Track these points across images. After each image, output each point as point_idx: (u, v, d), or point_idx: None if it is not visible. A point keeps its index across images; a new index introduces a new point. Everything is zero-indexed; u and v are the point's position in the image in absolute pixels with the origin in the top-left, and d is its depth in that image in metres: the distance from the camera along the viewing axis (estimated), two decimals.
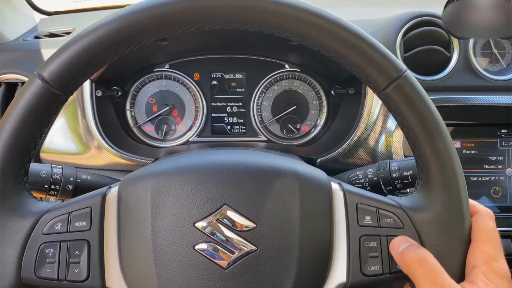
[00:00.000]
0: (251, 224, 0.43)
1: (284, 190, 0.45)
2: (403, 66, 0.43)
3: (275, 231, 0.43)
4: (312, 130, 0.98)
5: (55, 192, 0.60)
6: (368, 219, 0.46)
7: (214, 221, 0.43)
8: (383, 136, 0.81)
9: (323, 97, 0.98)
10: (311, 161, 0.82)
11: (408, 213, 0.46)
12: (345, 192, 0.47)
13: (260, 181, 0.45)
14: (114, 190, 0.46)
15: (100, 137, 0.80)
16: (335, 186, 0.48)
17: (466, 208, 0.45)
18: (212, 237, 0.43)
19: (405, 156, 0.78)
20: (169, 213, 0.43)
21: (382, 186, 0.62)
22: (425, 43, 0.82)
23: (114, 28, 0.40)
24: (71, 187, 0.60)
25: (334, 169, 0.73)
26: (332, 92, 0.95)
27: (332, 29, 0.42)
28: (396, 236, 0.45)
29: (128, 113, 0.96)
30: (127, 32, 0.41)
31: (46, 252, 0.43)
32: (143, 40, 0.42)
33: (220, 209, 0.43)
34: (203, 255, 0.43)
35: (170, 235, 0.43)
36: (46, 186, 0.59)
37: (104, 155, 0.81)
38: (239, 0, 0.41)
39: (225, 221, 0.43)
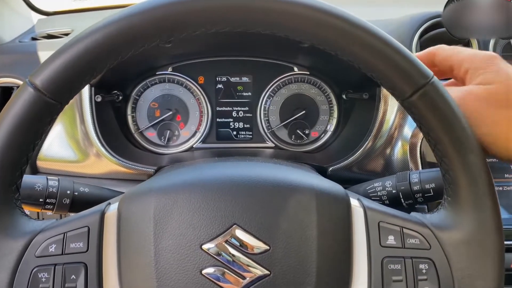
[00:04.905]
0: (263, 246, 0.41)
1: (300, 208, 0.42)
2: (429, 72, 0.41)
3: (290, 253, 0.41)
4: (322, 136, 0.96)
5: (51, 206, 0.57)
6: (391, 239, 0.43)
7: (223, 243, 0.41)
8: (399, 144, 0.78)
9: (334, 102, 0.96)
10: (322, 170, 0.79)
11: (435, 233, 0.43)
12: (365, 209, 0.44)
13: (273, 198, 0.42)
14: (113, 207, 0.44)
15: (99, 144, 0.78)
16: (354, 202, 0.45)
17: (500, 227, 0.42)
18: (221, 260, 0.40)
19: (422, 163, 0.75)
20: (174, 233, 0.41)
21: (402, 199, 0.59)
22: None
23: (113, 31, 0.38)
24: (68, 201, 0.57)
25: (347, 178, 0.70)
26: (344, 96, 0.93)
27: (353, 32, 0.39)
28: (422, 258, 0.42)
29: (129, 118, 0.94)
30: (127, 35, 0.38)
31: (39, 276, 0.40)
32: (145, 44, 0.39)
33: (229, 230, 0.41)
34: (211, 281, 0.40)
35: (175, 258, 0.40)
36: (41, 200, 0.56)
37: (103, 163, 0.79)
38: (250, 1, 0.38)
39: (235, 242, 0.41)
